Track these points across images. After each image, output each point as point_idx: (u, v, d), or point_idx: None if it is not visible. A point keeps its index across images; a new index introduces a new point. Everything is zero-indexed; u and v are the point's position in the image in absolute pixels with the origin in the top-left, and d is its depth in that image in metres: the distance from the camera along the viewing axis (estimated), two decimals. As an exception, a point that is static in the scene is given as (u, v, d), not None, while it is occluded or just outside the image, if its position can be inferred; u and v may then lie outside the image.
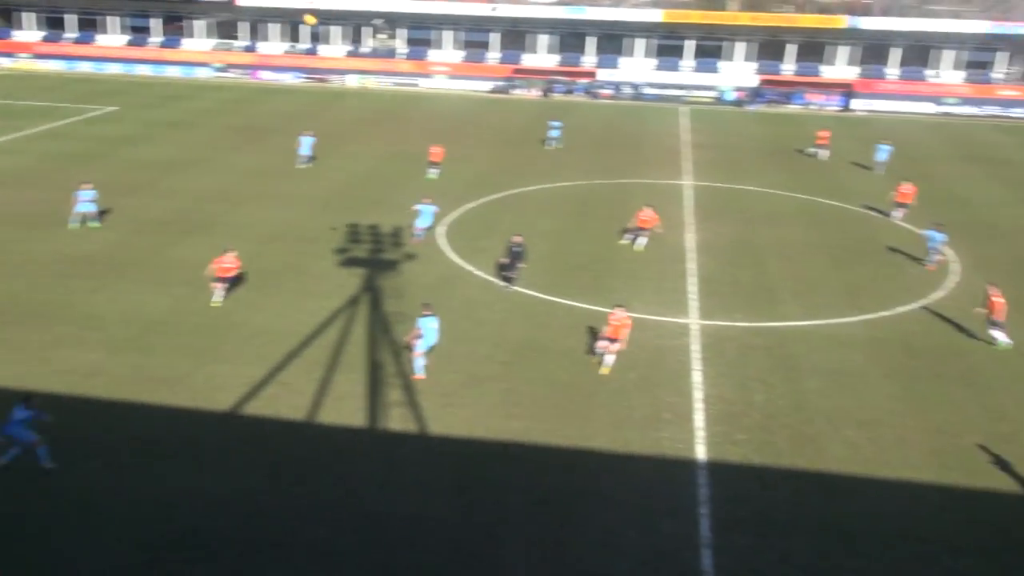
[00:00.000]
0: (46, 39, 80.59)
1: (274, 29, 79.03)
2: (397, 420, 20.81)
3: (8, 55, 79.67)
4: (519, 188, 41.72)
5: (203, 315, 26.29)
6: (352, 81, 75.18)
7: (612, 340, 23.15)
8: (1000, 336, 25.31)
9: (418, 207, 33.38)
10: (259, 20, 79.10)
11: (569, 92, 73.27)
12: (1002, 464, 19.60)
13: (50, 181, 40.70)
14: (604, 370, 23.04)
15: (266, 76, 76.82)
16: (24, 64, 79.29)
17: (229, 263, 27.28)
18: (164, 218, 35.55)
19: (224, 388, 22.03)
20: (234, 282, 27.77)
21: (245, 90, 71.23)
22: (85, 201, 33.68)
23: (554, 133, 50.68)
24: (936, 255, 31.69)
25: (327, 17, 76.98)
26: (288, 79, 76.22)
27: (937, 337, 26.16)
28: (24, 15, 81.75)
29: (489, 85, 74.00)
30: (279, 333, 25.18)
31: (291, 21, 78.01)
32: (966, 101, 70.46)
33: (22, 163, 44.16)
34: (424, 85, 74.94)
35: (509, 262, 28.61)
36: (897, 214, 37.55)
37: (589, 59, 75.07)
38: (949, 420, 21.44)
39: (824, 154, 50.56)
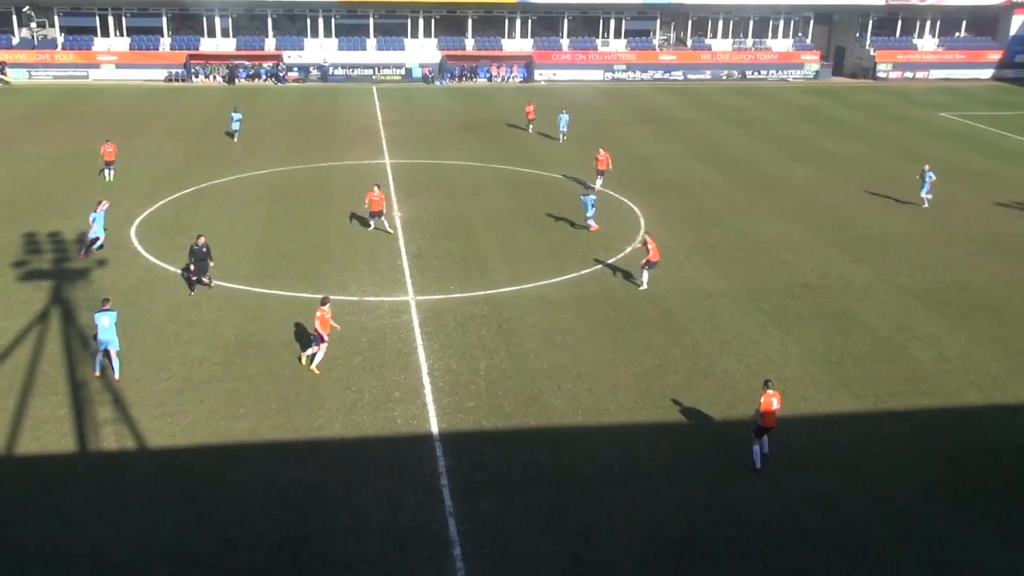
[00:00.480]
0: None
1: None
2: (111, 439, 19.44)
3: None
4: (213, 180, 40.02)
5: None
6: (10, 75, 68.09)
7: (319, 338, 22.63)
8: (644, 279, 27.91)
9: (92, 215, 30.61)
10: None
11: (254, 77, 71.02)
12: (701, 396, 21.72)
13: None
14: (313, 369, 22.66)
15: None
16: None
17: None
18: None
19: None
20: None
21: None
22: None
23: (236, 126, 48.26)
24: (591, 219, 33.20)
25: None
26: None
27: (632, 287, 28.35)
28: None
29: (164, 73, 69.97)
30: (-44, 362, 22.54)
31: (-79, 11, 69.25)
32: (632, 67, 76.34)
33: None
34: (94, 77, 69.44)
35: (195, 266, 26.98)
36: (599, 182, 39.59)
37: (271, 41, 73.09)
38: (654, 363, 23.39)
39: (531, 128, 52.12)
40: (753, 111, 61.87)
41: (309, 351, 22.68)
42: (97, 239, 30.34)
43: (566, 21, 77.31)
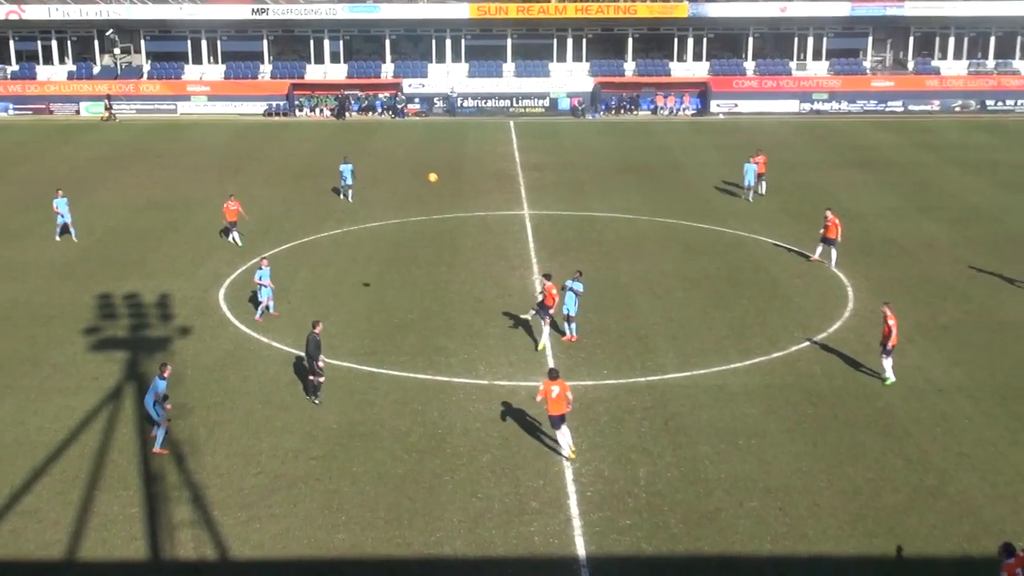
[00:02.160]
0: None
1: (-28, 47, 75.98)
2: (188, 546, 20.03)
3: None
4: (317, 233, 41.47)
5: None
6: (88, 110, 72.95)
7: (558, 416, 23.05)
8: (888, 368, 26.98)
9: (259, 275, 31.97)
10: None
11: (368, 110, 73.70)
12: (931, 524, 20.77)
13: None
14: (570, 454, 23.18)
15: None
16: None
17: None
18: None
19: (-55, 528, 20.63)
20: None
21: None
22: None
23: (347, 179, 47.41)
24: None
25: (39, 29, 74.61)
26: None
27: (840, 377, 27.58)
28: None
29: (263, 106, 73.44)
30: (15, 446, 23.83)
31: (-5, 36, 75.30)
32: (836, 95, 75.48)
33: None
34: (183, 110, 73.56)
35: (312, 359, 25.98)
36: (833, 255, 37.13)
37: (388, 68, 75.84)
38: (867, 477, 22.57)
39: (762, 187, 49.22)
40: (997, 151, 59.99)
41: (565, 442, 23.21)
42: (268, 299, 31.84)
43: (751, 39, 77.34)
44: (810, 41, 77.38)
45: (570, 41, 75.86)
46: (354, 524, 20.75)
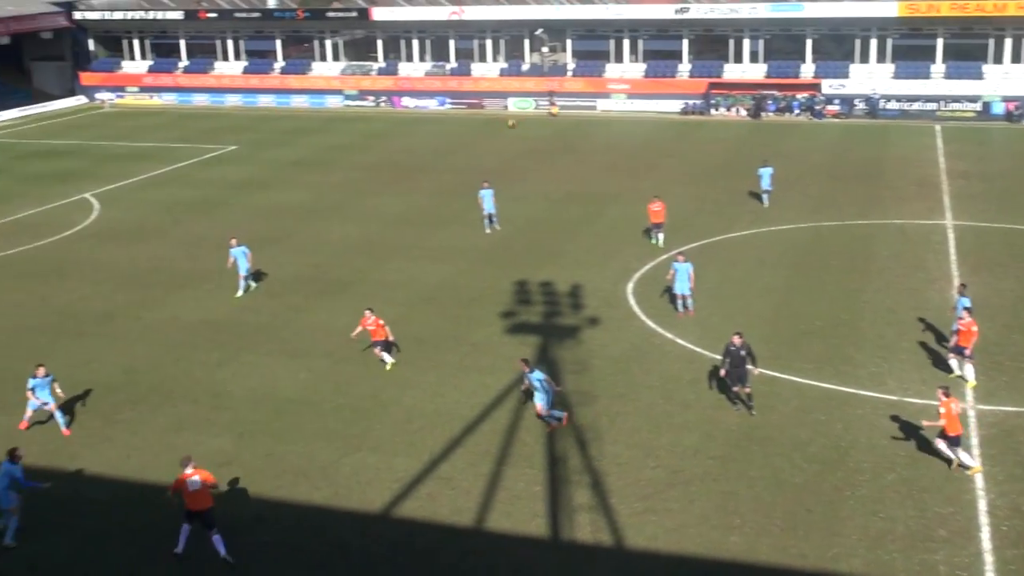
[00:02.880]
0: (154, 69, 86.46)
1: (416, 47, 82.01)
2: (585, 529, 20.77)
3: (118, 89, 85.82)
4: (727, 233, 41.41)
5: (345, 393, 27.16)
6: (515, 105, 76.98)
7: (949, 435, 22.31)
8: None
9: (674, 265, 32.61)
10: (398, 36, 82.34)
11: (785, 111, 72.52)
12: None
13: (165, 235, 43.33)
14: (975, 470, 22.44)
15: (408, 103, 79.69)
16: (132, 99, 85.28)
17: (372, 325, 28.44)
18: (298, 275, 37.21)
19: (373, 483, 22.63)
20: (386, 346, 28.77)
21: (384, 121, 74.14)
22: (240, 259, 34.99)
23: (765, 183, 45.67)
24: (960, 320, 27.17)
25: (476, 29, 79.45)
26: (433, 106, 78.80)
27: None
28: (135, 43, 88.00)
29: (679, 104, 74.20)
30: (436, 416, 25.73)
31: (435, 35, 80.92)
32: None
33: (132, 215, 47.25)
34: (603, 107, 75.86)
35: (731, 372, 25.63)
36: None
37: (808, 68, 74.20)
38: None
39: None
40: None
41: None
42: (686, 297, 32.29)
43: None
44: None
45: (1008, 41, 70.69)
46: (748, 528, 20.62)
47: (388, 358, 28.71)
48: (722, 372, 25.75)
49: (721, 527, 20.69)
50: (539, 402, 24.96)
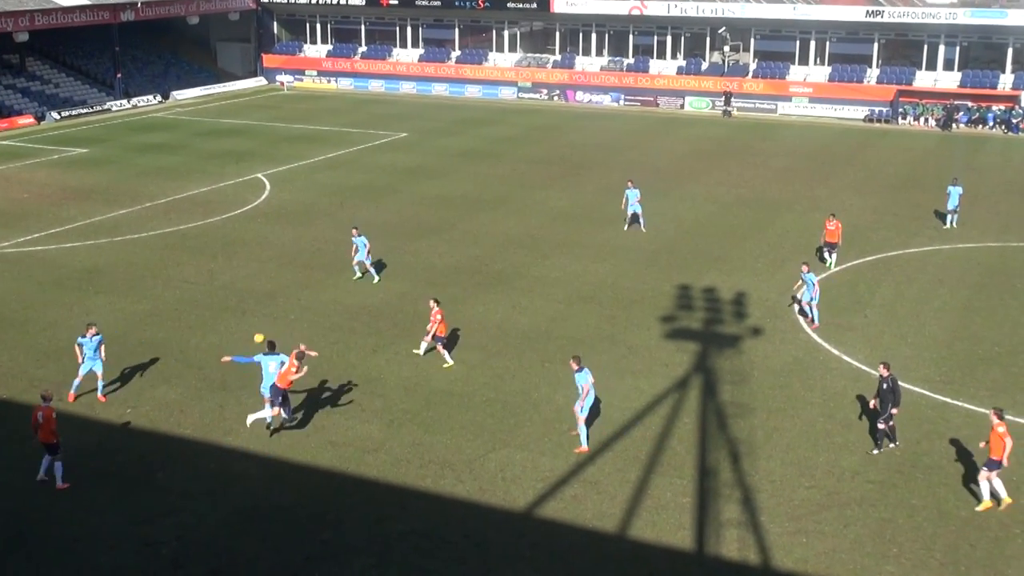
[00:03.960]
0: (333, 54, 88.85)
1: (594, 41, 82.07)
2: (732, 545, 20.45)
3: (297, 73, 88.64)
4: (904, 248, 40.12)
5: (497, 388, 27.43)
6: (691, 104, 76.30)
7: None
8: None
9: (803, 276, 32.00)
10: (577, 29, 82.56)
11: (978, 123, 69.77)
12: None
13: (331, 218, 44.54)
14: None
15: (581, 98, 79.81)
16: (310, 83, 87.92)
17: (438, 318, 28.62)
18: (458, 266, 37.72)
19: (518, 481, 22.77)
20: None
21: (555, 115, 74.44)
22: (362, 248, 35.85)
23: (953, 203, 43.11)
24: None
25: (656, 25, 78.97)
26: (607, 101, 78.72)
27: None
28: (317, 27, 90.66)
29: (864, 111, 72.23)
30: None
31: (614, 30, 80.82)
32: None
33: (301, 197, 48.71)
34: (783, 110, 74.45)
35: (880, 405, 24.24)
36: None
37: (1007, 79, 71.20)
38: None
39: None
40: None
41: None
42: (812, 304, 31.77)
43: None
44: None
45: None
46: (905, 559, 19.98)
47: (448, 358, 28.90)
48: (872, 403, 24.73)
49: (876, 555, 20.09)
50: (576, 405, 24.28)
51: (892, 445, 24.28)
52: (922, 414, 25.95)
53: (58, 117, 72.18)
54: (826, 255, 37.71)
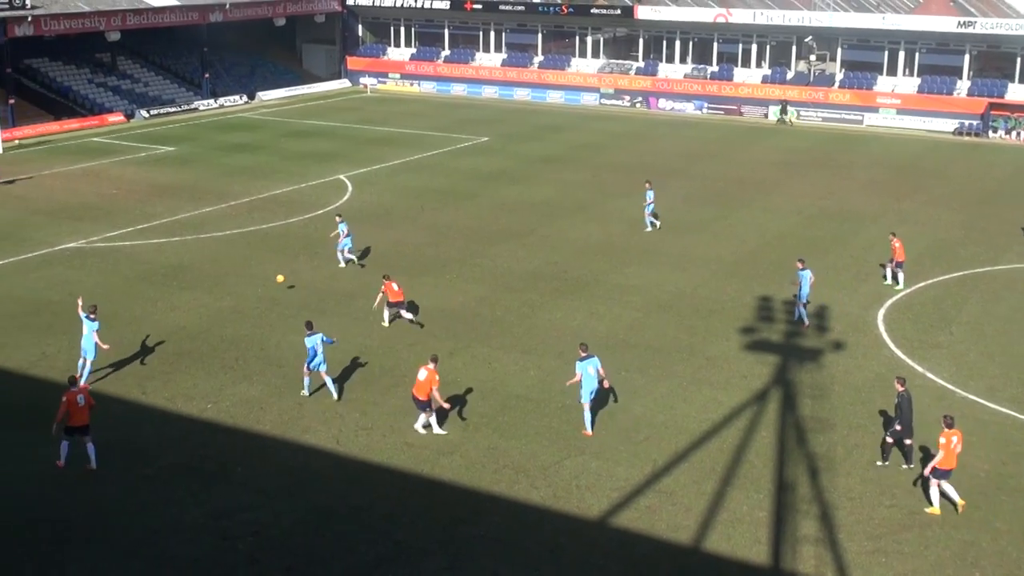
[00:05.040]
0: (416, 57, 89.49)
1: (677, 48, 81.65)
2: (808, 562, 20.21)
3: (380, 75, 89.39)
4: (993, 265, 39.35)
5: (573, 395, 27.32)
6: (774, 114, 75.60)
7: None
8: None
9: (799, 274, 32.52)
10: (661, 36, 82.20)
11: (1071, 137, 68.27)
12: None
13: (411, 221, 44.89)
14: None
15: (663, 105, 79.43)
16: (393, 86, 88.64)
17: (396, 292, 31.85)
18: (536, 272, 37.78)
19: (593, 488, 22.74)
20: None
21: (637, 122, 74.19)
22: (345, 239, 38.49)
23: None
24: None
25: (741, 33, 78.36)
26: (690, 109, 78.23)
27: None
28: (401, 30, 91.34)
29: (953, 124, 70.91)
30: (663, 428, 25.61)
31: (698, 37, 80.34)
32: None
33: (382, 199, 49.15)
34: (869, 122, 73.40)
35: (898, 427, 23.88)
36: None
37: (1104, 93, 69.56)
38: None
39: None
40: None
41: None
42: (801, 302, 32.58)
43: None
44: None
45: None
46: (988, 582, 19.61)
47: (408, 315, 32.04)
48: (897, 426, 24.06)
49: (958, 578, 19.76)
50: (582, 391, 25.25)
51: (880, 463, 23.93)
52: (1008, 435, 25.43)
53: (147, 115, 73.64)
54: (889, 274, 36.81)
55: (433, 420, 25.10)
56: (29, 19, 66.50)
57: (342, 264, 38.18)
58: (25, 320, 32.76)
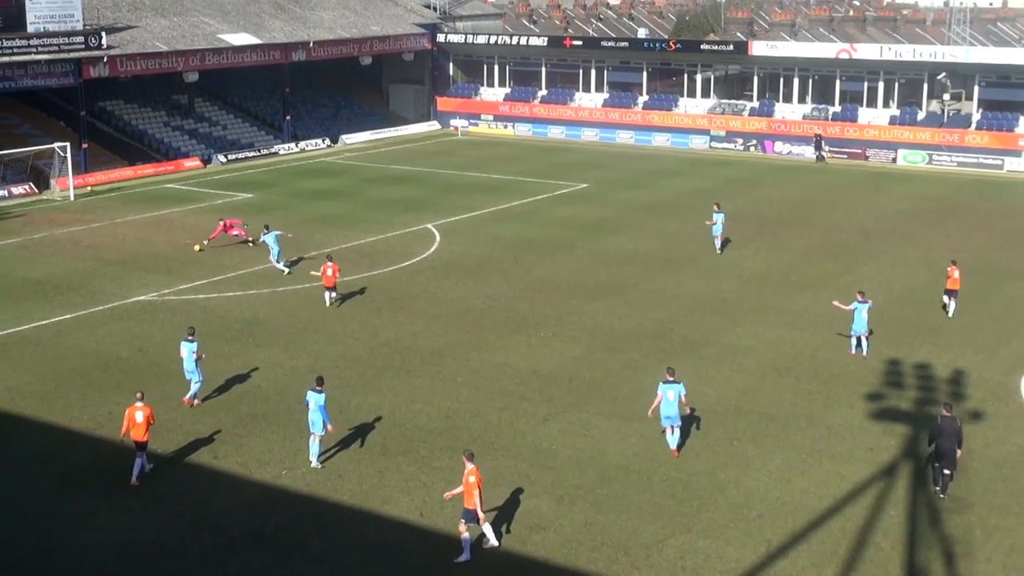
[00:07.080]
0: (511, 97, 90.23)
1: (795, 86, 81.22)
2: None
3: (473, 117, 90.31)
4: None
5: (679, 467, 27.13)
6: (905, 159, 74.66)
7: None
8: None
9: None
10: (777, 73, 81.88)
11: None
12: None
13: (504, 274, 45.09)
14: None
15: (780, 148, 78.92)
16: (485, 128, 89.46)
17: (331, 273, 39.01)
18: (639, 331, 37.63)
19: (700, 571, 22.45)
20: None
21: (752, 167, 73.88)
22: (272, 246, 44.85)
23: None
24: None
25: (867, 70, 77.67)
26: (809, 153, 77.54)
27: None
28: (495, 69, 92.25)
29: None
30: (779, 504, 25.19)
31: (819, 74, 79.87)
32: None
33: (472, 249, 49.48)
34: (1010, 167, 72.01)
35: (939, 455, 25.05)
36: None
37: None
38: None
39: None
40: None
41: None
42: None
43: None
44: None
45: None
46: None
47: (328, 300, 39.89)
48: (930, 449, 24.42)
49: None
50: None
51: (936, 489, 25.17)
52: None
53: (224, 160, 75.37)
54: (946, 301, 39.28)
55: (488, 529, 23.61)
56: (105, 60, 68.57)
57: (286, 271, 44.79)
58: (93, 377, 33.53)
